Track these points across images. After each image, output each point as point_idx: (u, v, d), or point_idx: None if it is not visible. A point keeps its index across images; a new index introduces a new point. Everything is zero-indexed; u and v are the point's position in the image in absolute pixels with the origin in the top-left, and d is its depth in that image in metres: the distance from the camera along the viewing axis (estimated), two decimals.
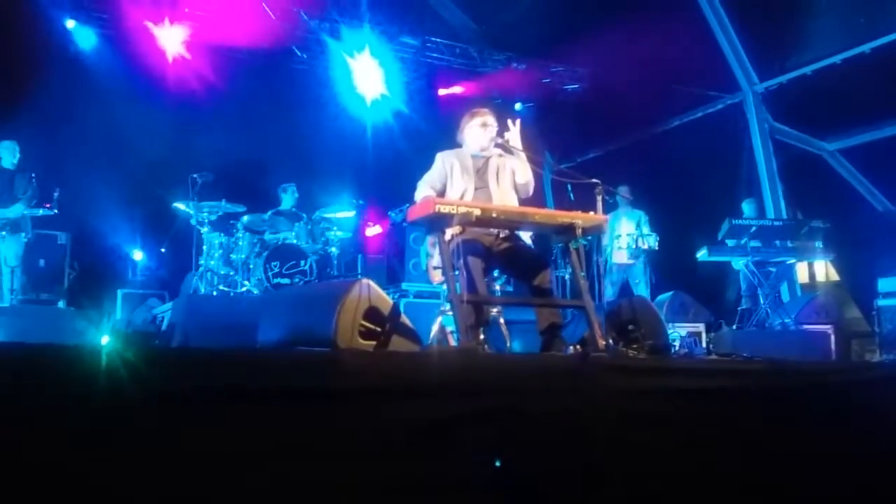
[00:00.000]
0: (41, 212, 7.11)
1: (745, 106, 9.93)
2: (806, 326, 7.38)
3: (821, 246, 7.60)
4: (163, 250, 9.78)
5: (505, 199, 4.42)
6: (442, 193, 4.41)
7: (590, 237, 4.41)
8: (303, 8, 9.40)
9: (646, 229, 8.05)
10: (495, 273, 4.84)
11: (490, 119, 4.50)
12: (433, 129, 9.40)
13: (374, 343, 3.78)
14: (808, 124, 9.70)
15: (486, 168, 4.49)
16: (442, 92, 10.90)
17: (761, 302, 7.72)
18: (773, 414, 2.55)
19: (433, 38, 10.34)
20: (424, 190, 4.43)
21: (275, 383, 2.06)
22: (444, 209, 3.66)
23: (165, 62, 8.79)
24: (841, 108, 8.83)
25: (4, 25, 7.43)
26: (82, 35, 9.00)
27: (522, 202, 4.52)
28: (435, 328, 4.49)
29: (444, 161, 4.48)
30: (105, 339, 6.22)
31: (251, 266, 7.52)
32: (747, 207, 8.61)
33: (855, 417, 2.55)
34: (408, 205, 4.68)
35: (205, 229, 7.56)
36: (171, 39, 8.76)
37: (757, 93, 9.82)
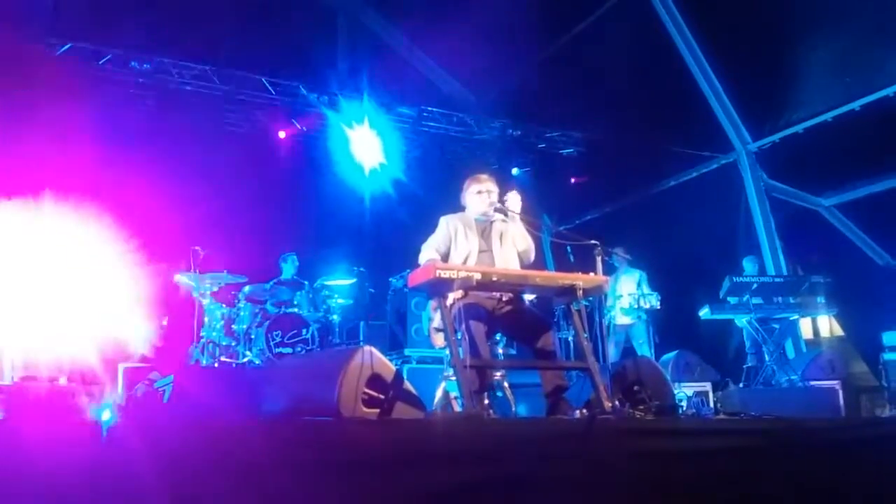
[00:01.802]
0: None
1: (740, 165, 10.03)
2: (813, 383, 7.30)
3: (823, 301, 7.60)
4: (164, 323, 9.74)
5: (508, 261, 4.46)
6: (446, 256, 4.44)
7: (591, 298, 4.41)
8: (302, 82, 9.61)
9: (646, 288, 8.05)
10: (497, 336, 4.82)
11: (489, 185, 4.57)
12: (431, 195, 9.50)
13: (377, 411, 3.74)
14: (804, 181, 9.78)
15: (490, 231, 4.54)
16: None
17: (766, 359, 7.67)
18: (785, 472, 2.51)
19: (430, 108, 10.55)
20: (429, 253, 4.45)
21: (278, 454, 2.04)
22: (445, 274, 3.66)
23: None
24: (834, 164, 8.92)
25: None
26: None
27: (524, 267, 4.54)
28: (439, 394, 4.45)
29: (448, 224, 4.52)
30: (106, 415, 6.14)
31: (253, 336, 7.50)
32: (748, 265, 8.62)
33: (867, 474, 2.51)
34: (409, 270, 4.70)
35: (206, 301, 7.57)
36: None
37: (750, 152, 9.93)
